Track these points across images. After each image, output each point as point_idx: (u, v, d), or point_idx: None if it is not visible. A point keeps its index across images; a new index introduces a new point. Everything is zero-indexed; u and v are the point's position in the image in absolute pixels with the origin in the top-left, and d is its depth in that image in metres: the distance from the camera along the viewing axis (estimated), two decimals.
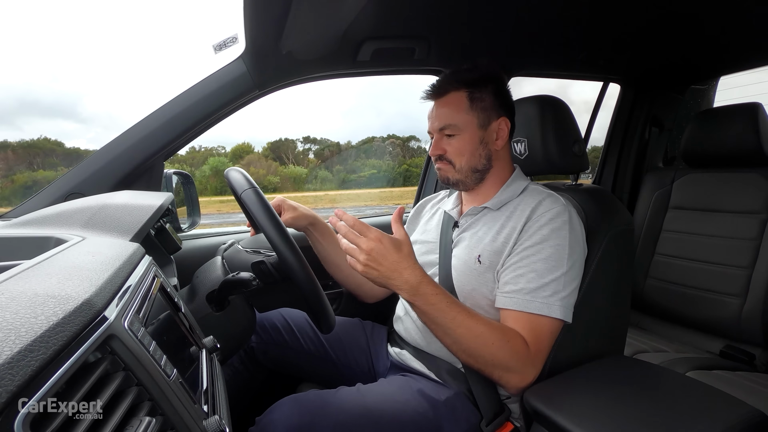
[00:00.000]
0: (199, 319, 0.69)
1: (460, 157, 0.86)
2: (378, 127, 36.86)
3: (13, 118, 26.44)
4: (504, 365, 0.71)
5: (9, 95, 36.90)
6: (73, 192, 0.92)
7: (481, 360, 0.71)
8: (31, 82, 49.78)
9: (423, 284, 0.69)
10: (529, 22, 1.13)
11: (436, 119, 0.87)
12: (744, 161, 1.38)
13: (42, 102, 30.87)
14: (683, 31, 1.24)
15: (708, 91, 1.88)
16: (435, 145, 0.88)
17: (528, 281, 0.75)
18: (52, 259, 0.40)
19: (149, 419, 0.32)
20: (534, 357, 0.72)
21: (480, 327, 0.70)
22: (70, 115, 26.21)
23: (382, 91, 46.37)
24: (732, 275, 1.35)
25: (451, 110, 0.85)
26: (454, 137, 0.85)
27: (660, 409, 0.64)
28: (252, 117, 13.52)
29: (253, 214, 0.67)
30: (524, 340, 0.72)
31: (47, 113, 25.60)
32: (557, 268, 0.74)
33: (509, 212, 0.84)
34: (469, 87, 0.85)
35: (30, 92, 41.98)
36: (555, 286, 0.74)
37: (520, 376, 0.72)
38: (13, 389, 0.22)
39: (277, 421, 0.66)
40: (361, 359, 0.99)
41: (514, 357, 0.71)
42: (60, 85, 43.85)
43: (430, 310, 0.69)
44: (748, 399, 0.68)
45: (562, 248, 0.75)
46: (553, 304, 0.73)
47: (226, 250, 0.84)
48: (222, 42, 0.98)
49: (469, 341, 0.70)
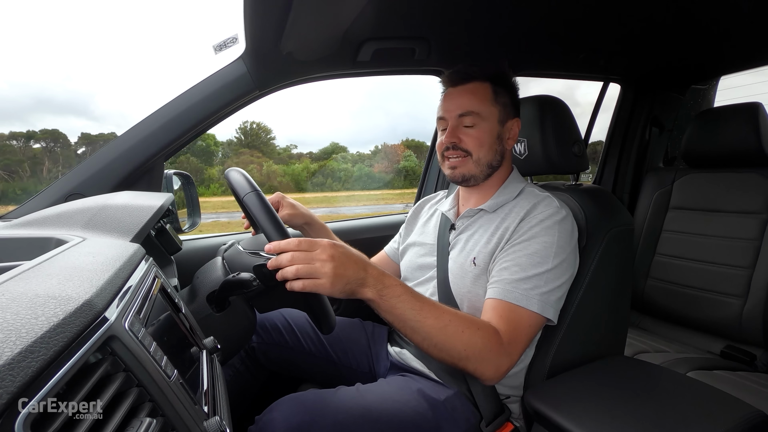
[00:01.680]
0: (200, 319, 0.69)
1: (480, 149, 0.83)
2: (386, 128, 36.80)
3: (27, 116, 26.56)
4: (477, 355, 0.69)
5: (25, 93, 37.04)
6: (73, 193, 0.92)
7: (454, 353, 0.68)
8: (45, 80, 49.85)
9: (385, 276, 0.67)
10: (529, 22, 1.13)
11: (456, 106, 0.84)
12: (744, 161, 1.38)
13: (55, 100, 31.00)
14: (683, 31, 1.24)
15: (708, 91, 1.87)
16: (451, 132, 0.84)
17: (511, 273, 0.75)
18: (52, 260, 0.40)
19: (150, 420, 0.32)
20: (507, 346, 0.71)
21: (447, 316, 0.69)
22: (82, 113, 26.27)
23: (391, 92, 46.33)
24: (732, 275, 1.35)
25: (476, 98, 0.83)
26: (474, 128, 0.83)
27: (661, 409, 0.63)
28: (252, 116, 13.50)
29: (255, 217, 0.67)
30: (496, 329, 0.71)
31: (60, 111, 25.67)
32: (542, 264, 0.74)
33: (504, 214, 0.84)
34: (493, 81, 0.84)
35: (44, 90, 42.09)
36: (536, 280, 0.74)
37: (494, 366, 0.70)
38: (13, 390, 0.22)
39: (277, 420, 0.66)
40: (362, 359, 0.99)
41: (486, 346, 0.69)
42: (73, 83, 44.05)
43: (397, 303, 0.66)
44: (749, 399, 0.68)
45: (550, 246, 0.75)
46: (532, 297, 0.73)
47: (227, 250, 0.84)
48: (222, 42, 0.98)
49: (439, 333, 0.67)
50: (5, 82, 33.00)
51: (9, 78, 35.73)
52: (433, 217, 1.00)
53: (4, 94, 30.87)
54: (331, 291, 0.61)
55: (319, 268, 0.60)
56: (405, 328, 0.68)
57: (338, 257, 0.61)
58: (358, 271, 0.63)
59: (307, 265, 0.60)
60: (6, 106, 31.66)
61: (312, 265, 0.60)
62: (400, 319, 0.67)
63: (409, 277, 0.97)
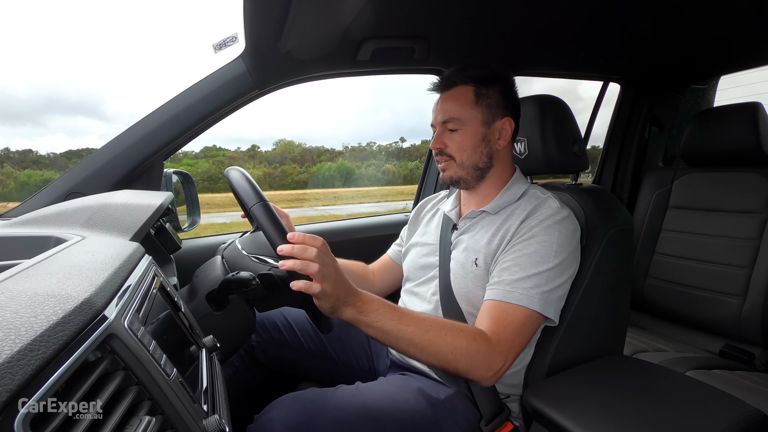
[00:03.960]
0: (199, 318, 0.69)
1: (462, 153, 0.85)
2: (392, 124, 37.27)
3: (38, 116, 26.95)
4: (464, 356, 0.69)
5: (37, 93, 37.55)
6: (72, 191, 0.92)
7: (441, 356, 0.69)
8: (57, 81, 50.37)
9: (363, 293, 0.68)
10: (529, 22, 1.13)
11: (440, 112, 0.87)
12: (744, 161, 1.38)
13: (67, 100, 31.38)
14: (683, 30, 1.24)
15: (708, 90, 1.87)
16: (436, 138, 0.87)
17: (511, 273, 0.75)
18: (51, 259, 0.40)
19: (149, 418, 0.32)
20: (497, 345, 0.71)
21: (428, 322, 0.70)
22: (92, 113, 26.73)
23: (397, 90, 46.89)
24: (732, 275, 1.35)
25: (457, 104, 0.85)
26: (457, 132, 0.85)
27: (660, 408, 0.64)
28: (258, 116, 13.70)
29: (262, 227, 0.67)
30: (481, 330, 0.71)
31: (70, 111, 26.08)
32: (542, 263, 0.74)
33: (506, 216, 0.84)
34: (477, 83, 0.85)
35: (56, 91, 42.59)
36: (537, 279, 0.74)
37: (484, 366, 0.70)
38: (13, 389, 0.22)
39: (276, 419, 0.66)
40: (362, 358, 1.00)
41: (472, 346, 0.69)
42: (84, 84, 44.40)
43: (376, 317, 0.67)
44: (748, 398, 0.68)
45: (550, 245, 0.76)
46: (533, 296, 0.73)
47: (226, 249, 0.84)
48: (222, 41, 0.97)
49: (422, 338, 0.68)
50: (23, 83, 33.48)
51: (26, 78, 36.22)
52: (435, 217, 1.00)
53: (20, 95, 31.36)
54: (319, 304, 0.63)
55: (322, 268, 0.62)
56: (389, 338, 0.68)
57: (330, 272, 0.63)
58: (345, 288, 0.65)
59: (311, 264, 0.62)
60: (20, 106, 32.15)
61: (315, 266, 0.62)
62: (382, 331, 0.68)
63: (411, 277, 0.97)
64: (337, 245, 0.84)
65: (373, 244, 1.28)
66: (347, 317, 0.66)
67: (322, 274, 0.62)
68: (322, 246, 0.64)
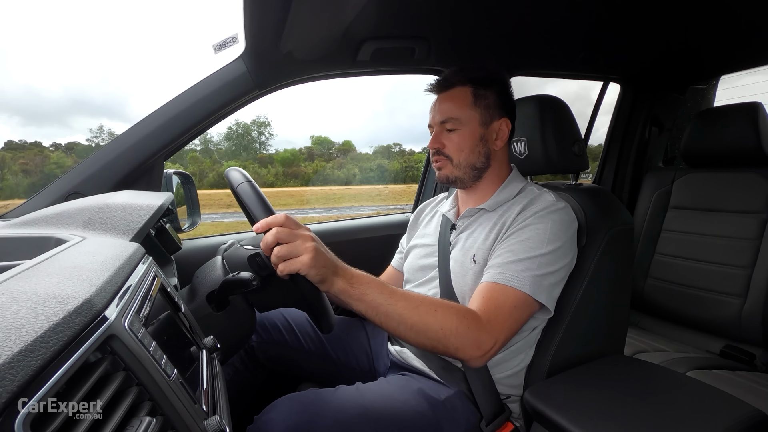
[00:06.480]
0: (200, 319, 0.69)
1: (459, 153, 0.86)
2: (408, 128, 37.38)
3: (64, 117, 27.14)
4: (454, 333, 0.68)
5: (64, 95, 37.79)
6: (73, 192, 0.92)
7: (431, 333, 0.68)
8: (84, 83, 50.67)
9: (352, 268, 0.69)
10: (529, 22, 1.13)
11: (438, 112, 0.87)
12: (744, 161, 1.38)
13: (93, 102, 31.66)
14: (683, 30, 1.24)
15: (708, 90, 1.87)
16: (434, 138, 0.88)
17: (503, 258, 0.76)
18: (52, 259, 0.40)
19: (149, 419, 0.32)
20: (487, 324, 0.70)
21: (419, 298, 0.70)
22: (117, 115, 27.01)
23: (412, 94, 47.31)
24: (732, 275, 1.35)
25: (455, 104, 0.85)
26: (455, 132, 0.86)
27: (660, 408, 0.64)
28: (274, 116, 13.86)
29: (247, 204, 0.67)
30: (472, 309, 0.71)
31: (95, 113, 26.34)
32: (534, 249, 0.75)
33: (503, 211, 0.85)
34: (475, 84, 0.85)
35: (83, 93, 42.87)
36: (528, 263, 0.74)
37: (474, 344, 0.69)
38: (13, 389, 0.22)
39: (275, 419, 0.66)
40: (362, 358, 1.00)
41: (462, 323, 0.68)
42: (110, 86, 44.66)
43: (367, 290, 0.67)
44: (748, 399, 0.68)
45: (543, 232, 0.76)
46: (524, 278, 0.73)
47: (227, 250, 0.84)
48: (222, 42, 0.98)
49: (412, 314, 0.67)
50: (57, 84, 33.84)
51: (59, 80, 36.55)
52: (434, 219, 1.01)
53: (49, 96, 31.72)
54: (309, 269, 0.62)
55: (300, 245, 0.63)
56: (378, 314, 0.68)
57: (318, 242, 0.65)
58: (334, 259, 0.67)
59: (289, 244, 0.62)
60: (47, 107, 32.47)
61: (294, 243, 0.63)
62: (372, 306, 0.67)
63: (411, 279, 0.97)
64: (338, 245, 0.84)
65: (374, 245, 1.28)
66: (338, 288, 0.66)
67: (290, 248, 0.62)
68: (286, 219, 0.65)
